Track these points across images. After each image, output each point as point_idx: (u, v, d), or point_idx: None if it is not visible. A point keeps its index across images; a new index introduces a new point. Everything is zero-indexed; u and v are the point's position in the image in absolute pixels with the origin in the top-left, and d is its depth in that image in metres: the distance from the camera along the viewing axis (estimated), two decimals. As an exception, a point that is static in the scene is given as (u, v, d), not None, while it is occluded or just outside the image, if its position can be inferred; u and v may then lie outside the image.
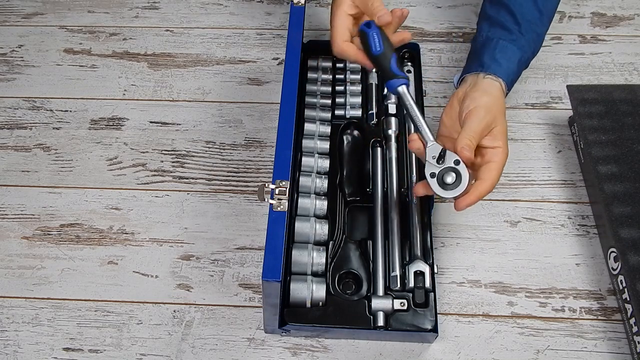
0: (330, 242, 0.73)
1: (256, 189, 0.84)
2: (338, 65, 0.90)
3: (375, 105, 0.85)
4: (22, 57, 0.99)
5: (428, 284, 0.69)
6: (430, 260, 0.71)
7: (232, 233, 0.80)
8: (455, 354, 0.71)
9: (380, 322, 0.67)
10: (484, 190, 0.64)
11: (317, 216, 0.75)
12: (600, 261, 0.77)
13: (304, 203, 0.75)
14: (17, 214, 0.82)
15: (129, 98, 0.94)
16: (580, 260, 0.77)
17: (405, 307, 0.68)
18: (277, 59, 0.98)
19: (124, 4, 1.06)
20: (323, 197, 0.76)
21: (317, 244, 0.72)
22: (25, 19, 1.05)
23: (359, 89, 0.87)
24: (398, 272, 0.70)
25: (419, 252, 0.72)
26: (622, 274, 0.71)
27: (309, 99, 0.85)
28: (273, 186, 0.62)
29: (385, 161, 0.80)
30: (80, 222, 0.81)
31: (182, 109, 0.93)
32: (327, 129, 0.82)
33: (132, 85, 0.96)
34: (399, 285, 0.69)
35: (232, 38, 1.01)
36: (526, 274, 0.76)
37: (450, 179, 0.63)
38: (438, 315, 0.68)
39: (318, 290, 0.68)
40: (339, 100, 0.86)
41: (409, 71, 0.88)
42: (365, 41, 0.69)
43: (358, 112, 0.85)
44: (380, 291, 0.70)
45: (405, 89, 0.68)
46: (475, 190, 0.64)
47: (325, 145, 0.81)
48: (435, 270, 0.70)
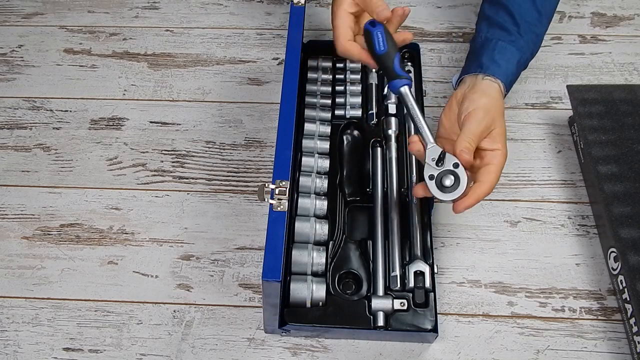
0: (330, 242, 0.73)
1: (256, 189, 0.83)
2: (338, 65, 0.90)
3: (375, 105, 0.85)
4: (22, 57, 0.99)
5: (428, 284, 0.69)
6: (430, 260, 0.71)
7: (232, 233, 0.80)
8: (455, 354, 0.71)
9: (380, 322, 0.67)
10: (483, 193, 0.64)
11: (317, 216, 0.75)
12: (600, 261, 0.77)
13: (304, 203, 0.75)
14: (17, 214, 0.82)
15: (129, 98, 0.94)
16: (580, 260, 0.77)
17: (405, 307, 0.68)
18: (277, 59, 0.98)
19: (124, 4, 1.06)
20: (323, 197, 0.76)
21: (317, 244, 0.72)
22: (25, 19, 1.05)
23: (359, 89, 0.87)
24: (398, 272, 0.70)
25: (419, 252, 0.72)
26: (622, 274, 0.71)
27: (309, 99, 0.85)
28: (273, 186, 0.62)
29: (385, 161, 0.80)
30: (80, 222, 0.81)
31: (182, 109, 0.93)
32: (327, 129, 0.82)
33: (132, 85, 0.96)
34: (399, 285, 0.69)
35: (232, 38, 1.01)
36: (526, 274, 0.76)
37: (448, 181, 0.63)
38: (438, 315, 0.68)
39: (318, 290, 0.68)
40: (339, 100, 0.86)
41: (408, 71, 0.88)
42: (370, 40, 0.69)
43: (358, 112, 0.85)
44: (380, 291, 0.70)
45: (407, 89, 0.68)
46: (473, 193, 0.64)
47: (325, 145, 0.81)
48: (435, 270, 0.70)
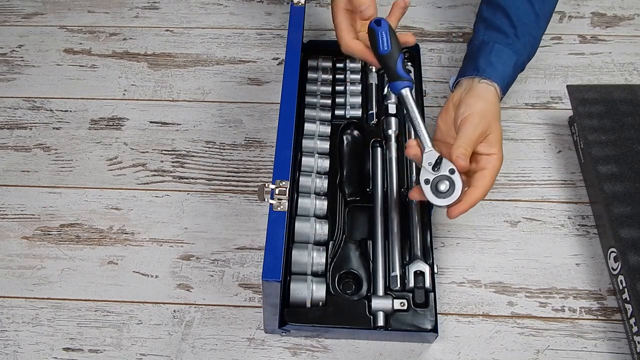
0: (330, 242, 0.73)
1: (256, 189, 0.83)
2: (338, 65, 0.90)
3: (375, 105, 0.85)
4: (22, 57, 0.99)
5: (428, 284, 0.69)
6: (430, 260, 0.71)
7: (232, 233, 0.80)
8: (455, 354, 0.71)
9: (380, 322, 0.67)
10: (477, 198, 0.64)
11: (317, 216, 0.75)
12: (600, 261, 0.77)
13: (304, 203, 0.75)
14: (17, 214, 0.82)
15: (129, 98, 0.94)
16: (580, 260, 0.77)
17: (405, 307, 0.68)
18: (277, 59, 0.98)
19: (124, 4, 1.06)
20: (323, 197, 0.76)
21: (317, 244, 0.72)
22: (25, 19, 1.05)
23: (359, 89, 0.87)
24: (398, 272, 0.70)
25: (419, 252, 0.72)
26: (622, 274, 0.71)
27: (309, 99, 0.85)
28: (273, 186, 0.62)
29: (385, 161, 0.80)
30: (80, 222, 0.81)
31: (182, 109, 0.93)
32: (327, 129, 0.82)
33: (132, 85, 0.96)
34: (399, 285, 0.69)
35: (232, 38, 1.01)
36: (526, 274, 0.76)
37: (444, 187, 0.63)
38: (438, 315, 0.68)
39: (318, 290, 0.68)
40: (339, 100, 0.86)
41: (408, 71, 0.88)
42: (374, 39, 0.69)
43: (358, 112, 0.85)
44: (380, 291, 0.70)
45: (408, 91, 0.68)
46: (468, 198, 0.64)
47: (325, 145, 0.81)
48: (435, 270, 0.70)
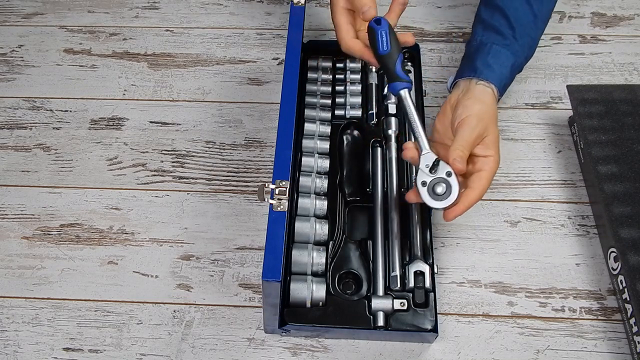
0: (330, 242, 0.73)
1: (256, 189, 0.84)
2: (338, 65, 0.90)
3: (375, 105, 0.85)
4: (22, 57, 0.99)
5: (428, 284, 0.69)
6: (430, 260, 0.71)
7: (232, 233, 0.80)
8: (455, 354, 0.71)
9: (380, 322, 0.67)
10: (473, 200, 0.64)
11: (317, 216, 0.75)
12: (600, 261, 0.77)
13: (304, 203, 0.75)
14: (17, 214, 0.82)
15: (129, 98, 0.94)
16: (580, 260, 0.77)
17: (405, 307, 0.68)
18: (277, 59, 0.98)
19: (124, 4, 1.06)
20: (323, 197, 0.76)
21: (317, 244, 0.72)
22: (25, 19, 1.05)
23: (359, 89, 0.87)
24: (398, 272, 0.70)
25: (419, 252, 0.72)
26: (622, 274, 0.71)
27: (309, 99, 0.85)
28: (273, 186, 0.62)
29: (385, 161, 0.80)
30: (80, 222, 0.81)
31: (182, 109, 0.93)
32: (327, 129, 0.82)
33: (132, 85, 0.96)
34: (399, 285, 0.69)
35: (232, 38, 1.01)
36: (526, 274, 0.76)
37: (440, 189, 0.63)
38: (438, 315, 0.68)
39: (318, 290, 0.68)
40: (339, 100, 0.86)
41: (408, 71, 0.88)
42: (373, 39, 0.69)
43: (358, 112, 0.85)
44: (380, 291, 0.70)
45: (407, 93, 0.67)
46: (464, 200, 0.64)
47: (325, 145, 0.81)
48: (435, 270, 0.70)
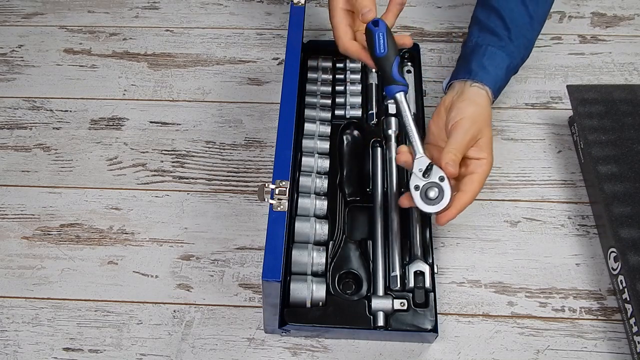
0: (330, 242, 0.73)
1: (256, 189, 0.83)
2: (338, 65, 0.90)
3: (375, 105, 0.85)
4: (22, 57, 0.99)
5: (428, 284, 0.69)
6: (430, 260, 0.71)
7: (232, 233, 0.80)
8: (455, 354, 0.71)
9: (380, 322, 0.67)
10: (465, 203, 0.64)
11: (317, 216, 0.75)
12: (600, 261, 0.77)
13: (304, 203, 0.75)
14: (17, 214, 0.82)
15: (129, 98, 0.94)
16: (580, 260, 0.77)
17: (405, 307, 0.68)
18: (277, 59, 0.98)
19: (124, 4, 1.06)
20: (323, 197, 0.76)
21: (317, 244, 0.72)
22: (25, 19, 1.05)
23: (359, 89, 0.87)
24: (398, 272, 0.70)
25: (419, 252, 0.72)
26: (622, 274, 0.71)
27: (309, 99, 0.85)
28: (273, 186, 0.62)
29: (385, 161, 0.80)
30: (80, 222, 0.81)
31: (182, 109, 0.93)
32: (327, 129, 0.82)
33: (132, 85, 0.96)
34: (399, 285, 0.69)
35: (232, 38, 1.01)
36: (526, 274, 0.76)
37: (433, 193, 0.63)
38: (438, 315, 0.68)
39: (318, 290, 0.68)
40: (339, 100, 0.86)
41: (408, 71, 0.88)
42: (371, 40, 0.69)
43: (358, 112, 0.85)
44: (380, 291, 0.70)
45: (402, 96, 0.67)
46: (456, 203, 0.64)
47: (325, 145, 0.81)
48: (435, 270, 0.70)
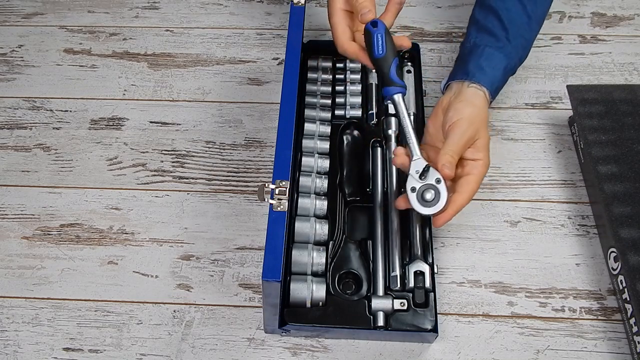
0: (330, 242, 0.73)
1: (256, 189, 0.83)
2: (338, 65, 0.90)
3: (375, 105, 0.85)
4: (22, 57, 0.99)
5: (428, 284, 0.69)
6: (430, 260, 0.71)
7: (232, 233, 0.80)
8: (455, 354, 0.71)
9: (380, 322, 0.67)
10: (461, 204, 0.65)
11: (317, 216, 0.75)
12: (600, 261, 0.77)
13: (304, 203, 0.75)
14: (17, 214, 0.82)
15: (129, 98, 0.94)
16: (580, 260, 0.77)
17: (405, 307, 0.68)
18: (277, 59, 0.98)
19: (124, 4, 1.06)
20: (323, 197, 0.76)
21: (317, 244, 0.72)
22: (25, 19, 1.05)
23: (359, 89, 0.87)
24: (398, 272, 0.70)
25: (419, 252, 0.72)
26: (622, 274, 0.71)
27: (309, 99, 0.85)
28: (273, 186, 0.62)
29: (385, 161, 0.80)
30: (80, 222, 0.81)
31: (182, 109, 0.93)
32: (327, 129, 0.82)
33: (132, 85, 0.96)
34: (399, 285, 0.69)
35: (232, 38, 1.01)
36: (526, 274, 0.76)
37: (429, 195, 0.64)
38: (438, 315, 0.68)
39: (318, 290, 0.68)
40: (339, 100, 0.86)
41: (408, 71, 0.88)
42: (369, 41, 0.69)
43: (358, 112, 0.85)
44: (380, 291, 0.70)
45: (400, 98, 0.67)
46: (452, 204, 0.64)
47: (325, 145, 0.81)
48: (435, 270, 0.70)
